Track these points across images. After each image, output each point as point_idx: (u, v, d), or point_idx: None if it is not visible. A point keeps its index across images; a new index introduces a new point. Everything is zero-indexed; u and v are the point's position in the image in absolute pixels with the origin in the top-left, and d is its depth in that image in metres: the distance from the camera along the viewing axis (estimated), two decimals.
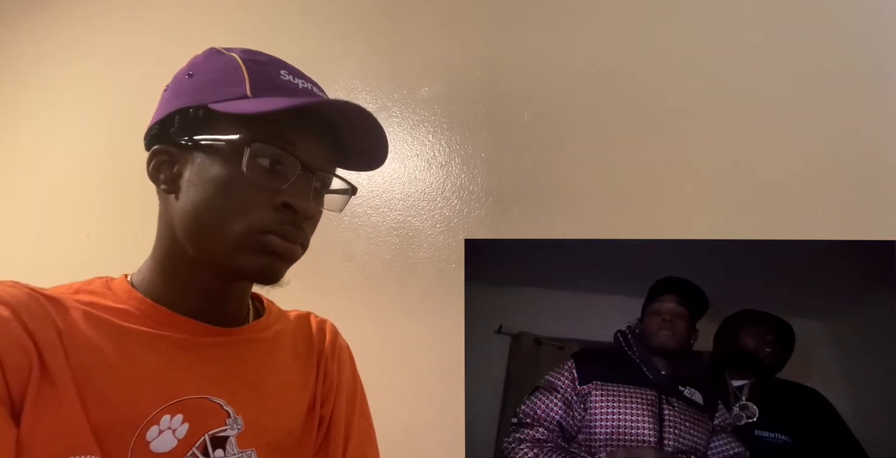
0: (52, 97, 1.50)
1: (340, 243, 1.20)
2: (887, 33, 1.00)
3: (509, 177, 1.13)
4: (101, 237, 1.37)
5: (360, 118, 0.54)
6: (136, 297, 0.53)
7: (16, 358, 0.43)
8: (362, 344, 0.75)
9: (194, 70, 0.55)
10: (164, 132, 0.53)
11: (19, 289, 0.47)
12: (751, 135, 1.03)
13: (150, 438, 0.48)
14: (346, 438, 0.63)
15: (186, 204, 0.52)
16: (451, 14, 1.21)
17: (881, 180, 0.98)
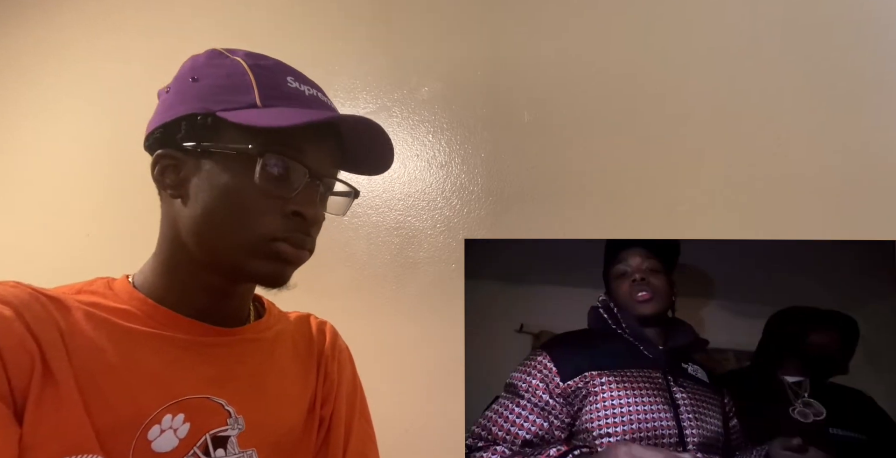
0: (52, 97, 1.50)
1: (340, 243, 1.20)
2: (888, 34, 1.00)
3: (509, 177, 1.13)
4: (101, 237, 1.37)
5: (369, 130, 0.54)
6: (138, 297, 0.53)
7: (18, 358, 0.43)
8: (362, 344, 0.75)
9: (198, 74, 0.54)
10: (168, 137, 0.53)
11: (21, 289, 0.48)
12: (750, 135, 1.03)
13: (151, 437, 0.48)
14: (345, 438, 0.63)
15: (195, 210, 0.52)
16: (451, 14, 1.21)
17: (881, 180, 0.98)
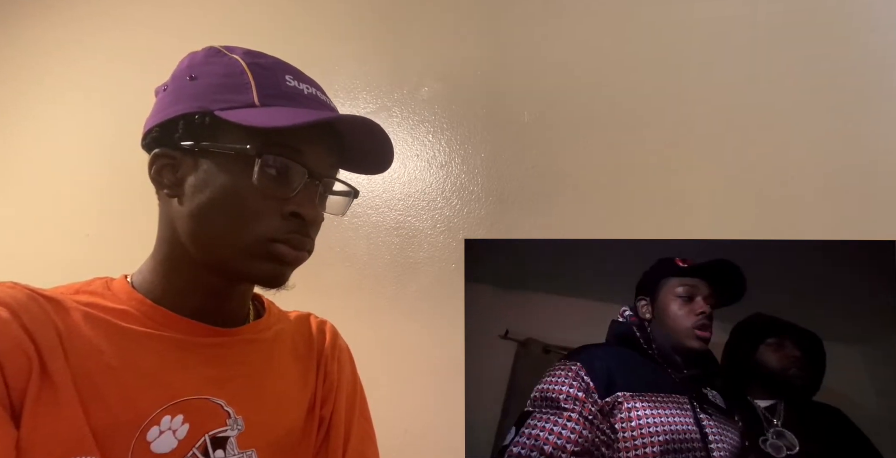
0: (52, 97, 1.49)
1: (340, 243, 1.20)
2: (888, 34, 1.00)
3: (509, 177, 1.13)
4: (101, 237, 1.37)
5: (367, 130, 0.54)
6: (137, 298, 0.53)
7: (16, 360, 0.43)
8: (362, 344, 0.75)
9: (196, 72, 0.54)
10: (166, 136, 0.53)
11: (19, 290, 0.47)
12: (750, 135, 1.03)
13: (150, 438, 0.48)
14: (345, 439, 0.63)
15: (193, 210, 0.51)
16: (451, 14, 1.21)
17: (881, 180, 0.98)
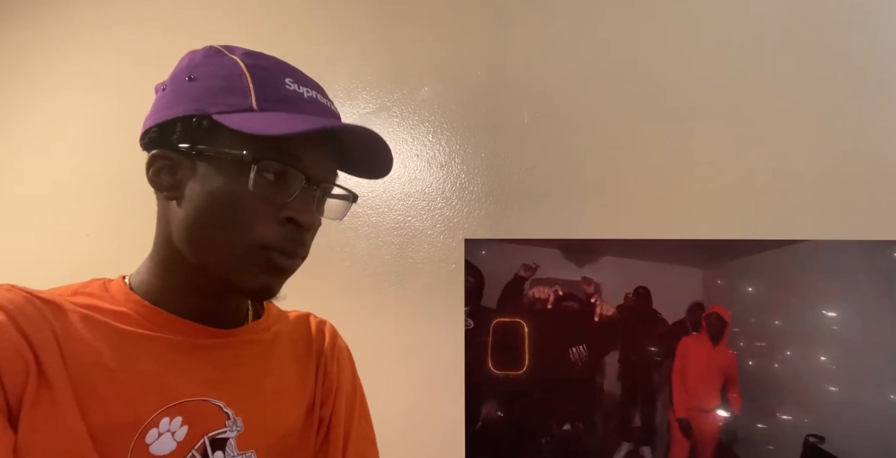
0: (52, 96, 1.49)
1: (340, 243, 1.19)
2: (889, 34, 0.99)
3: (509, 177, 1.13)
4: (101, 237, 1.37)
5: (366, 138, 0.53)
6: (134, 299, 0.53)
7: (13, 363, 0.43)
8: (362, 344, 0.75)
9: (195, 73, 0.53)
10: (164, 137, 0.52)
11: (15, 293, 0.47)
12: (751, 136, 1.03)
13: (149, 441, 0.47)
14: (345, 439, 0.63)
15: (189, 213, 0.51)
16: (451, 14, 1.21)
17: (881, 180, 0.97)
